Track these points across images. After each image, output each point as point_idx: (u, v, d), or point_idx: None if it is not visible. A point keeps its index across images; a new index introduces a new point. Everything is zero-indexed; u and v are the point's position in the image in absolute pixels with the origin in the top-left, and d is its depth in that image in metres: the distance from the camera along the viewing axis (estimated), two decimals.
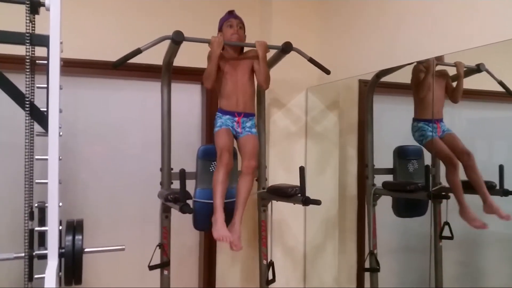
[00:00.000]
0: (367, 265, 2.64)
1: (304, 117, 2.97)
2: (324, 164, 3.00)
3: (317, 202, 2.12)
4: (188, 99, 2.89)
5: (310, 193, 2.20)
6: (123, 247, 1.68)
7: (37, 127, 1.48)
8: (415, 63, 2.26)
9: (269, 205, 2.56)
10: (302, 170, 2.15)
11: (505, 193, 2.15)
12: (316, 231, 3.00)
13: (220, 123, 2.18)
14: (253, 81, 2.25)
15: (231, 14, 2.27)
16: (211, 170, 2.28)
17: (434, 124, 2.29)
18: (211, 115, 2.77)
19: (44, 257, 1.45)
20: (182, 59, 2.29)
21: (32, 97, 1.46)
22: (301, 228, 2.97)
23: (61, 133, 1.41)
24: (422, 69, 2.29)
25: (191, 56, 2.36)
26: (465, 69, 2.20)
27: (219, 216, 2.02)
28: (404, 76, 2.39)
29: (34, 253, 1.49)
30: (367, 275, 2.70)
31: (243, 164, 2.16)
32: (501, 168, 2.17)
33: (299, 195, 2.18)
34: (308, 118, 2.97)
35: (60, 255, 1.47)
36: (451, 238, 2.33)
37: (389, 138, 2.72)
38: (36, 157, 1.48)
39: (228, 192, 2.15)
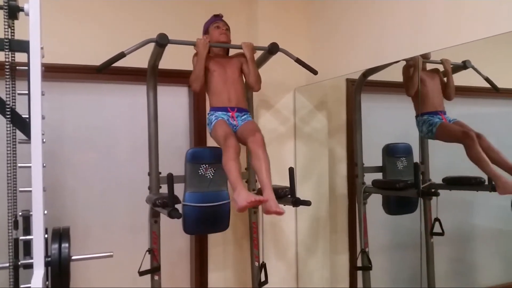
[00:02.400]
0: (359, 263, 2.64)
1: (293, 117, 2.97)
2: (314, 164, 3.00)
3: (307, 203, 2.11)
4: (175, 102, 2.87)
5: (300, 193, 2.20)
6: (111, 253, 1.65)
7: (20, 134, 1.45)
8: (402, 61, 2.27)
9: (260, 206, 2.54)
10: (291, 171, 2.14)
11: (493, 188, 2.16)
12: (308, 231, 2.99)
13: (214, 117, 2.10)
14: (242, 79, 2.22)
15: (217, 16, 2.25)
16: (200, 173, 2.27)
17: (439, 116, 2.26)
18: (199, 117, 2.76)
19: (30, 266, 1.43)
20: (168, 62, 2.28)
21: (13, 103, 1.44)
22: (292, 229, 2.96)
23: (44, 140, 1.39)
24: (411, 64, 2.29)
25: (177, 58, 2.35)
26: (451, 66, 2.21)
27: (241, 188, 1.80)
28: (391, 74, 2.40)
29: (19, 263, 1.46)
30: (359, 273, 2.70)
31: (249, 140, 1.95)
32: None
33: (289, 196, 2.18)
34: (296, 118, 2.97)
35: (47, 264, 1.44)
36: (442, 234, 2.34)
37: (377, 136, 2.73)
38: (19, 164, 1.45)
39: (216, 195, 2.13)
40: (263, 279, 2.49)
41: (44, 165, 1.38)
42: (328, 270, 2.99)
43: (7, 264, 1.42)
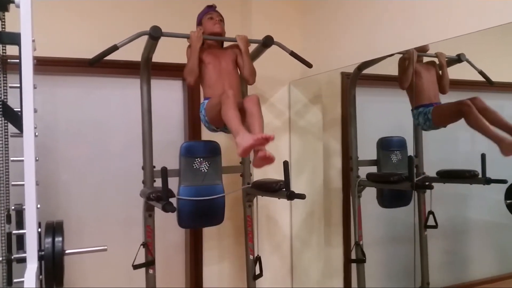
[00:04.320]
0: (353, 256, 2.65)
1: (288, 111, 2.96)
2: (309, 158, 3.00)
3: (301, 196, 2.11)
4: (169, 96, 2.85)
5: (295, 187, 2.20)
6: (105, 247, 1.65)
7: (12, 128, 1.44)
8: (397, 54, 2.26)
9: (255, 200, 2.54)
10: (286, 164, 2.14)
11: (487, 181, 2.17)
12: (302, 224, 3.00)
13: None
14: (237, 71, 2.21)
15: (210, 7, 2.22)
16: (195, 167, 2.26)
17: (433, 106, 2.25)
18: (193, 111, 2.75)
19: (23, 260, 1.43)
20: (162, 55, 2.26)
21: (5, 97, 1.42)
22: (287, 222, 2.97)
23: (36, 133, 1.38)
24: (407, 57, 2.29)
25: (171, 51, 2.33)
26: (446, 59, 2.21)
27: (243, 132, 1.78)
28: (385, 68, 2.39)
29: (12, 257, 1.46)
30: (353, 266, 2.72)
31: (245, 100, 1.97)
32: (483, 157, 2.19)
33: (284, 189, 2.17)
34: (291, 112, 2.97)
35: (40, 258, 1.44)
36: (435, 227, 2.35)
37: (372, 130, 2.73)
38: (12, 158, 1.44)
39: (211, 189, 2.13)
40: (258, 272, 2.50)
41: (37, 158, 1.37)
42: (322, 263, 3.00)
43: (0, 258, 1.42)
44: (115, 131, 2.73)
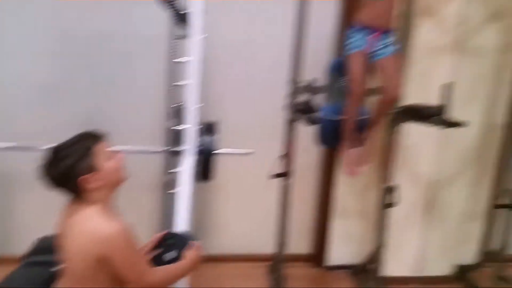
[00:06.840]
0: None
1: (456, 30, 2.51)
2: (475, 87, 2.60)
3: (459, 125, 1.89)
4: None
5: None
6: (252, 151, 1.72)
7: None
8: None
9: (400, 126, 2.37)
10: (447, 87, 1.91)
11: None
12: (449, 159, 2.70)
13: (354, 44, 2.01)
14: None
15: None
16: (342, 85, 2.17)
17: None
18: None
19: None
20: None
21: None
22: (431, 154, 2.70)
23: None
24: None
25: None
26: None
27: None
28: None
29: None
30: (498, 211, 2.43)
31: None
32: None
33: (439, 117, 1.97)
34: (460, 31, 2.52)
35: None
36: None
37: None
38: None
39: None
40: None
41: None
42: (463, 203, 2.75)
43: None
44: (261, 52, 2.67)
